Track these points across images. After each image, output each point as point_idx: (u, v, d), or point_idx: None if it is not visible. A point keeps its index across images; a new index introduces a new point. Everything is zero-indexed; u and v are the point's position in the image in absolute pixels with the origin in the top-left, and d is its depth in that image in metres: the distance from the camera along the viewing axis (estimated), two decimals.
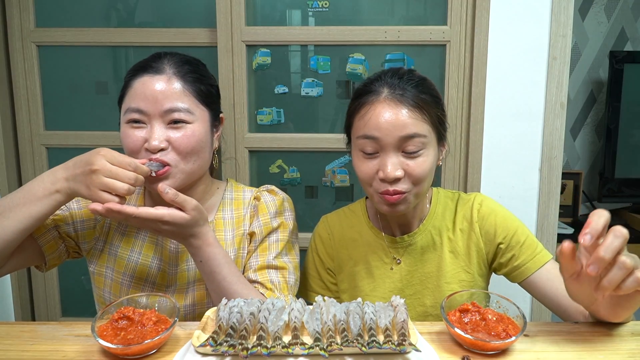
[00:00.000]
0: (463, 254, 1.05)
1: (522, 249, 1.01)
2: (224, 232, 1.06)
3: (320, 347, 0.67)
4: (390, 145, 0.92)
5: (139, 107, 0.93)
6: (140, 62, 0.99)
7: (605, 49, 2.49)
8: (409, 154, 0.92)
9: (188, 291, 1.03)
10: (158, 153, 0.92)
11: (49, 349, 0.74)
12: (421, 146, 0.93)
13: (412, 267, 1.07)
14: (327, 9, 1.65)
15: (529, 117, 1.58)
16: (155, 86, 0.93)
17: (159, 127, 0.93)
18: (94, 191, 0.83)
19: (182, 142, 0.94)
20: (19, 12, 1.68)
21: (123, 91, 0.98)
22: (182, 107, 0.94)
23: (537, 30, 1.54)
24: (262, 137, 1.70)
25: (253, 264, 1.04)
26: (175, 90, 0.94)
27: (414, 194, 0.96)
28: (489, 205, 1.06)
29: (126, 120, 0.95)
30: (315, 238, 1.16)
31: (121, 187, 0.83)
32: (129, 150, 0.95)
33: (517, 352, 0.73)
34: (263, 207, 1.07)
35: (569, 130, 2.59)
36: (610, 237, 0.68)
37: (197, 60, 1.03)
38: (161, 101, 0.93)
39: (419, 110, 0.93)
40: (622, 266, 0.67)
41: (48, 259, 1.00)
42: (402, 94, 0.93)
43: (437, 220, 1.07)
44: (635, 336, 0.78)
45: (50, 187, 0.86)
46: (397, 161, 0.92)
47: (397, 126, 0.91)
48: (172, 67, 0.96)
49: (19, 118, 1.74)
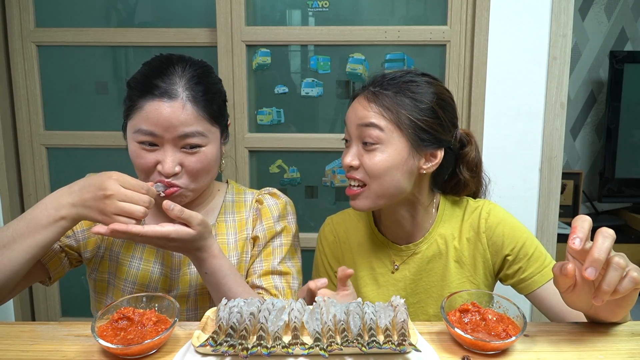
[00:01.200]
0: (469, 263, 1.03)
1: (530, 261, 0.99)
2: (226, 235, 1.05)
3: (320, 347, 0.67)
4: (352, 134, 0.98)
5: (151, 130, 0.90)
6: (146, 72, 0.94)
7: (605, 49, 2.49)
8: (366, 145, 0.96)
9: (190, 295, 1.02)
10: (171, 177, 0.92)
11: (49, 349, 0.74)
12: (377, 140, 0.94)
13: (416, 275, 1.05)
14: (327, 9, 1.65)
15: (529, 117, 1.58)
16: (169, 112, 0.90)
17: (172, 151, 0.92)
18: (109, 216, 0.81)
19: (195, 167, 0.93)
20: (19, 12, 1.68)
21: (131, 109, 0.93)
22: (196, 132, 0.92)
23: (537, 30, 1.54)
24: (262, 137, 1.70)
25: (257, 269, 1.03)
26: (190, 115, 0.91)
27: (374, 192, 0.97)
28: (497, 214, 1.03)
29: (137, 140, 0.92)
30: (322, 240, 1.15)
31: (137, 210, 0.81)
32: (140, 170, 0.94)
33: (517, 352, 0.73)
34: (266, 211, 1.07)
35: (569, 130, 2.59)
36: (600, 239, 0.68)
37: (206, 72, 0.98)
38: (175, 127, 0.90)
39: (384, 108, 0.95)
40: (617, 267, 0.68)
41: (53, 275, 0.99)
42: (375, 93, 0.97)
43: (443, 228, 1.05)
44: (635, 336, 0.78)
45: (55, 213, 0.83)
46: (356, 151, 0.97)
47: (359, 116, 0.97)
48: (185, 90, 0.92)
49: (19, 118, 1.74)
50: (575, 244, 0.68)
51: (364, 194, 0.98)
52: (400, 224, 1.04)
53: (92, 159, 1.77)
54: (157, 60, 0.97)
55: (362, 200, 0.98)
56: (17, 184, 1.78)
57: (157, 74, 0.93)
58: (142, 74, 0.95)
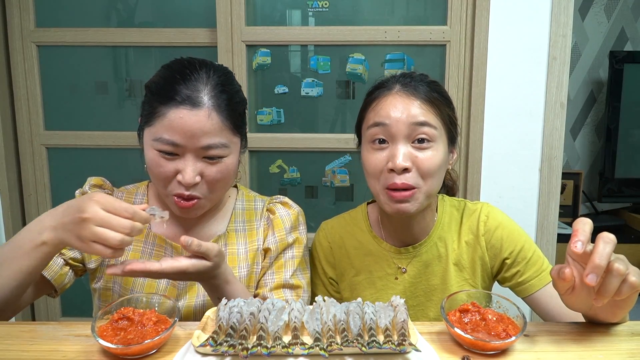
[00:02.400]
0: (468, 266, 1.03)
1: (528, 265, 0.99)
2: (236, 245, 1.03)
3: (320, 347, 0.67)
4: (400, 134, 0.91)
5: (174, 140, 0.87)
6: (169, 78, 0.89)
7: (605, 49, 2.49)
8: (419, 144, 0.91)
9: (197, 305, 1.00)
10: (191, 188, 0.90)
11: (49, 349, 0.74)
12: (431, 137, 0.91)
13: (416, 278, 1.05)
14: (327, 9, 1.65)
15: (529, 117, 1.58)
16: (193, 121, 0.86)
17: (193, 160, 0.88)
18: (86, 242, 0.74)
19: (215, 177, 0.91)
20: (19, 12, 1.68)
21: (151, 115, 0.89)
22: (220, 143, 0.89)
23: (537, 30, 1.54)
24: (262, 137, 1.70)
25: (268, 281, 1.02)
26: (214, 126, 0.88)
27: (424, 192, 0.93)
28: (495, 217, 1.03)
29: (157, 148, 0.88)
30: (317, 246, 1.14)
31: (112, 238, 0.73)
32: (158, 179, 0.91)
33: (517, 352, 0.73)
34: (278, 222, 1.05)
35: (569, 130, 2.59)
36: (601, 244, 0.68)
37: (229, 80, 0.94)
38: (199, 137, 0.87)
39: (430, 103, 0.93)
40: (616, 274, 0.68)
41: (59, 288, 0.98)
42: (414, 88, 0.94)
43: (443, 231, 1.04)
44: (635, 336, 0.78)
45: (37, 237, 0.77)
46: (407, 152, 0.91)
47: (409, 114, 0.91)
48: (210, 99, 0.88)
49: (19, 118, 1.74)
50: (577, 247, 0.68)
51: (415, 197, 0.92)
52: (408, 227, 1.03)
53: (92, 159, 1.77)
54: (178, 64, 0.92)
55: (412, 203, 0.92)
56: (17, 184, 1.78)
57: (181, 79, 0.88)
58: (164, 78, 0.90)
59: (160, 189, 0.94)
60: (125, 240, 0.74)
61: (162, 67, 0.94)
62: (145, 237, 1.00)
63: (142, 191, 1.05)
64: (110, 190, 1.04)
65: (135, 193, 1.05)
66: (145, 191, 1.06)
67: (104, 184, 1.04)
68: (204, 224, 1.03)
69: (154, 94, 0.89)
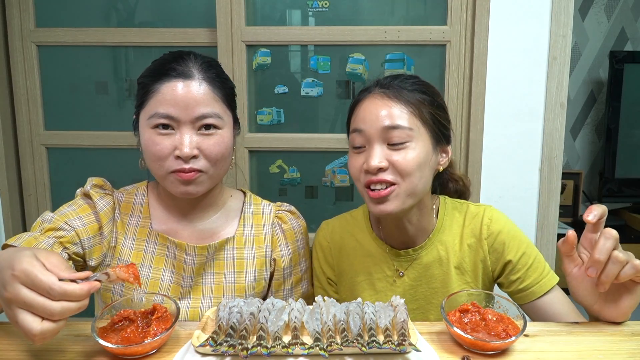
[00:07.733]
0: (470, 270, 1.03)
1: (529, 271, 0.99)
2: (244, 249, 1.04)
3: (320, 347, 0.67)
4: (374, 137, 0.92)
5: (168, 112, 0.89)
6: (159, 64, 0.95)
7: (605, 49, 2.49)
8: (394, 145, 0.92)
9: (203, 306, 1.00)
10: (190, 161, 0.90)
11: (49, 349, 0.74)
12: (406, 138, 0.91)
13: (416, 282, 1.04)
14: (327, 9, 1.65)
15: (529, 117, 1.58)
16: (186, 91, 0.89)
17: (189, 133, 0.90)
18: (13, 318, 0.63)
19: (213, 149, 0.92)
20: (19, 12, 1.68)
21: (145, 96, 0.93)
22: (213, 113, 0.92)
23: (537, 30, 1.54)
24: (262, 137, 1.70)
25: (287, 296, 1.09)
26: (206, 95, 0.91)
27: (404, 190, 0.92)
28: (499, 221, 1.03)
29: (152, 125, 0.91)
30: (316, 246, 1.14)
31: (35, 327, 0.62)
32: (155, 157, 0.92)
33: (517, 352, 0.73)
34: (291, 234, 1.09)
35: (569, 130, 2.59)
36: (602, 240, 0.75)
37: (216, 62, 1.00)
38: (193, 107, 0.90)
39: (406, 104, 0.93)
40: (615, 260, 0.74)
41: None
42: (391, 90, 0.95)
43: (444, 235, 1.04)
44: (635, 336, 0.78)
45: None
46: (382, 153, 0.92)
47: (381, 117, 0.92)
48: (200, 72, 0.92)
49: (19, 118, 1.74)
50: (591, 217, 0.77)
51: (394, 194, 0.92)
52: (404, 229, 1.02)
53: (92, 159, 1.76)
54: (167, 54, 0.97)
55: (392, 201, 0.92)
56: (17, 184, 1.78)
57: (171, 60, 0.93)
58: (154, 64, 0.96)
59: (158, 171, 0.94)
60: (43, 332, 0.63)
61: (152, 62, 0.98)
62: (147, 235, 1.00)
63: (141, 191, 1.05)
64: (111, 191, 1.03)
65: (135, 193, 1.05)
66: (145, 191, 1.05)
67: (104, 185, 1.03)
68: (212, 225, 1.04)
69: (146, 76, 0.94)
